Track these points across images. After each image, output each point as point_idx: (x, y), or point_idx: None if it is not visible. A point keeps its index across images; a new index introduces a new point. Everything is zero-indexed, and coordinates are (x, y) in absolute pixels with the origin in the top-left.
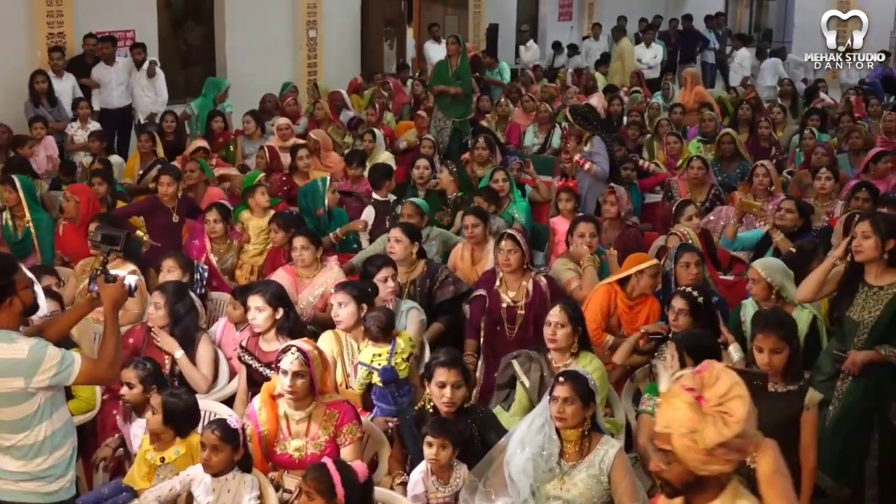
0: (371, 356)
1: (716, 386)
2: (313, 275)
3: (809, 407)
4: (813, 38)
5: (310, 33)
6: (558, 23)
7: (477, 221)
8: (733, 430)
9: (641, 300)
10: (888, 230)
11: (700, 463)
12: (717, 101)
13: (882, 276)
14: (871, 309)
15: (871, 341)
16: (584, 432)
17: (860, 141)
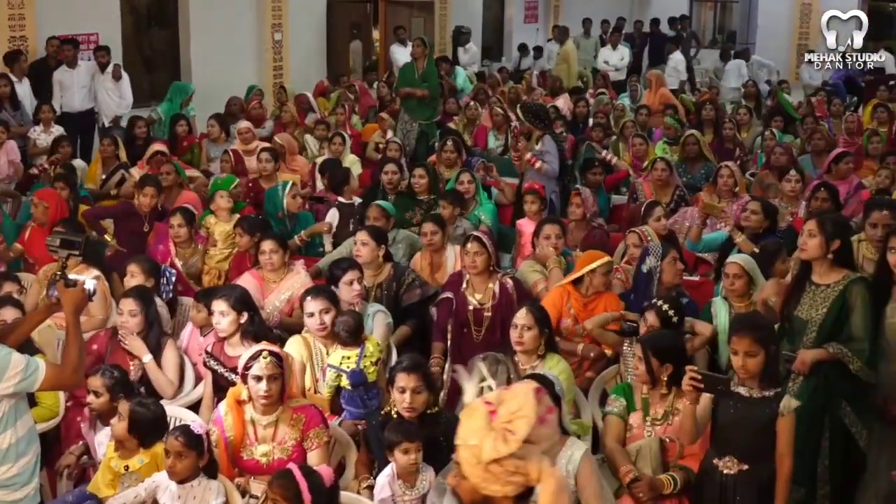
0: (340, 359)
1: (509, 403)
2: (280, 279)
3: (785, 413)
4: (776, 39)
5: (275, 36)
6: (524, 25)
7: (436, 229)
8: (510, 447)
9: (596, 296)
10: (834, 230)
11: (480, 479)
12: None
13: (827, 275)
14: (818, 307)
15: (819, 340)
16: None
17: (822, 142)
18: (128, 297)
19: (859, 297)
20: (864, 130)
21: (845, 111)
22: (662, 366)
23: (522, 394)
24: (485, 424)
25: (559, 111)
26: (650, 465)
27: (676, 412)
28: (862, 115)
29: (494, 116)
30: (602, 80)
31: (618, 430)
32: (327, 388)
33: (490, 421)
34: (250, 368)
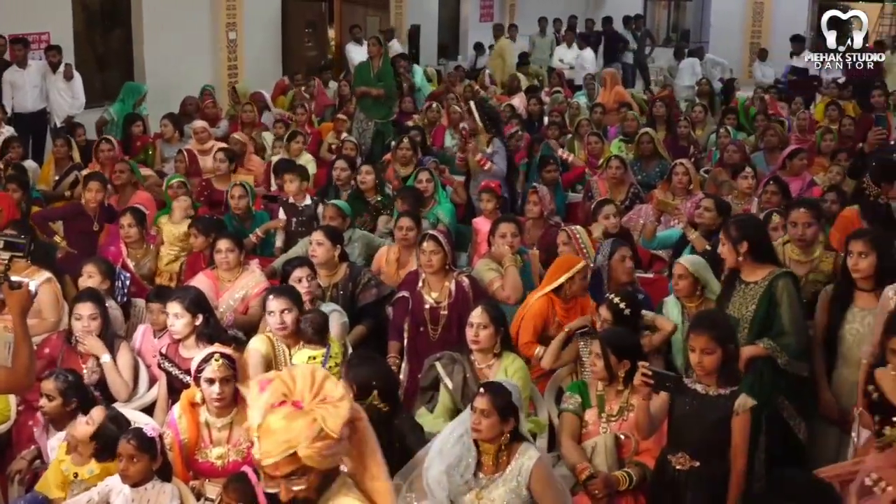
0: (307, 359)
1: (298, 385)
2: (235, 278)
3: (739, 412)
4: (729, 37)
5: (230, 35)
6: (480, 23)
7: (412, 224)
8: (345, 406)
9: (574, 301)
10: (738, 233)
11: (332, 457)
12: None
13: (753, 273)
14: (748, 305)
15: (751, 336)
16: (502, 446)
17: (775, 139)
18: (85, 300)
19: (785, 291)
20: (816, 128)
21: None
22: (620, 362)
23: (299, 370)
24: (300, 416)
25: (515, 110)
26: (606, 461)
27: (631, 408)
28: (814, 113)
29: (452, 115)
30: (557, 79)
31: (573, 427)
32: None
33: (301, 410)
34: (202, 371)
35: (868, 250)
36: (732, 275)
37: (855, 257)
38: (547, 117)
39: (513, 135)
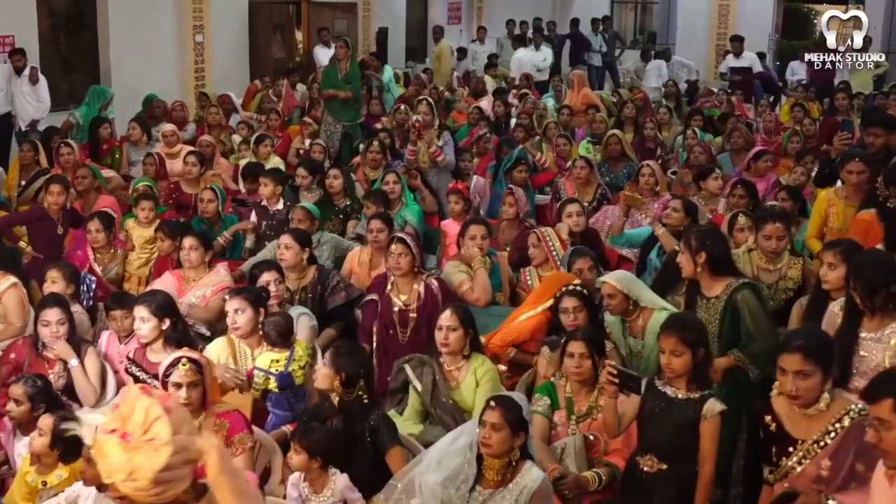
0: (269, 362)
1: (133, 418)
2: (200, 277)
3: (708, 416)
4: (695, 39)
5: (196, 38)
6: (448, 26)
7: (382, 226)
8: (165, 453)
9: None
10: (697, 245)
11: (156, 496)
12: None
13: (712, 287)
14: (712, 320)
15: (722, 349)
16: (511, 462)
17: (741, 140)
18: (51, 306)
19: (744, 303)
20: (781, 129)
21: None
22: (599, 359)
23: (135, 400)
24: (123, 451)
25: (483, 112)
26: (575, 462)
27: (600, 409)
28: (779, 114)
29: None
30: (525, 81)
31: (542, 428)
32: (254, 390)
33: (126, 444)
34: (170, 376)
35: (838, 262)
36: (693, 289)
37: (825, 268)
38: (514, 119)
39: (481, 137)
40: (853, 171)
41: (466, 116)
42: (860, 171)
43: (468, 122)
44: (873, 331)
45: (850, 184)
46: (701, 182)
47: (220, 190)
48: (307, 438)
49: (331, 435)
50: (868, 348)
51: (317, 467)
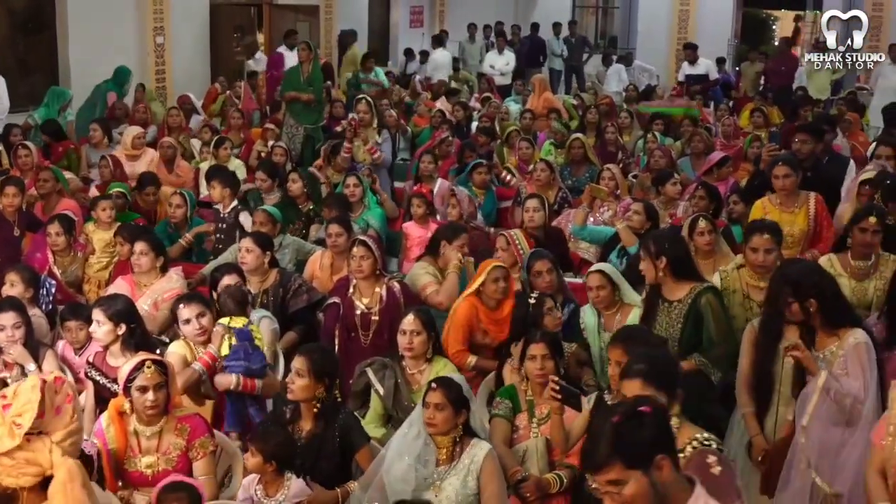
0: (228, 321)
1: (20, 397)
2: (151, 282)
3: None
4: (656, 44)
5: (157, 39)
6: (410, 30)
7: (341, 230)
8: (15, 441)
9: (500, 307)
10: (656, 249)
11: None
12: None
13: (674, 291)
14: (674, 324)
15: (681, 353)
16: (456, 438)
17: (701, 145)
18: (6, 310)
19: (708, 306)
20: (740, 133)
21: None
22: (560, 360)
23: (31, 387)
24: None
25: (445, 115)
26: (537, 464)
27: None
28: (738, 119)
29: (388, 119)
30: (487, 85)
31: (504, 431)
32: (225, 346)
33: (3, 413)
34: (134, 380)
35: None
36: (654, 293)
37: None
38: (476, 123)
39: (443, 140)
40: (778, 176)
41: (428, 120)
42: (785, 175)
43: (430, 125)
44: (821, 349)
45: (778, 189)
46: (660, 187)
47: (190, 195)
48: (264, 441)
49: (288, 439)
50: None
51: (271, 470)
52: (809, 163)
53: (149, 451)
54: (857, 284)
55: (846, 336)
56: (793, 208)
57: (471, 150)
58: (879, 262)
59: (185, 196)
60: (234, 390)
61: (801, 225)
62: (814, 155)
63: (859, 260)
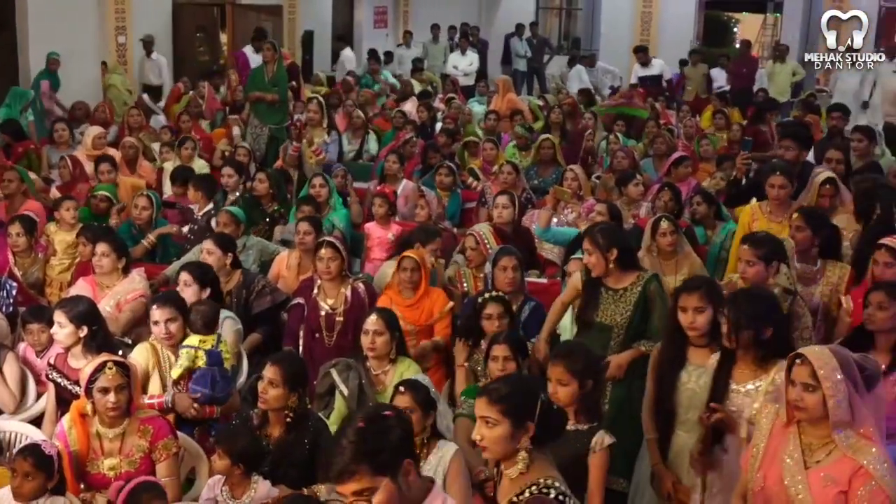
0: (197, 341)
1: None
2: (113, 284)
3: (596, 449)
4: (618, 45)
5: (119, 39)
6: (374, 30)
7: (310, 229)
8: None
9: (423, 295)
10: (606, 242)
11: None
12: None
13: (620, 280)
14: (621, 311)
15: (627, 341)
16: (424, 440)
17: (663, 146)
18: None
19: (657, 294)
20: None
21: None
22: (523, 361)
23: None
24: None
25: (407, 116)
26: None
27: None
28: (700, 120)
29: (356, 119)
30: (451, 86)
31: (468, 431)
32: (179, 368)
33: None
34: (96, 381)
35: (704, 304)
36: (593, 286)
37: (691, 314)
38: (440, 123)
39: (407, 141)
40: (774, 185)
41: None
42: (781, 185)
43: (394, 126)
44: (743, 382)
45: (772, 198)
46: (623, 188)
47: (156, 196)
48: (231, 443)
49: (256, 442)
50: (738, 402)
51: (238, 473)
52: (795, 170)
53: (111, 453)
54: (803, 289)
55: (774, 370)
56: (781, 218)
57: (434, 151)
58: (826, 267)
59: (150, 198)
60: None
61: (786, 236)
62: (799, 162)
63: (806, 264)
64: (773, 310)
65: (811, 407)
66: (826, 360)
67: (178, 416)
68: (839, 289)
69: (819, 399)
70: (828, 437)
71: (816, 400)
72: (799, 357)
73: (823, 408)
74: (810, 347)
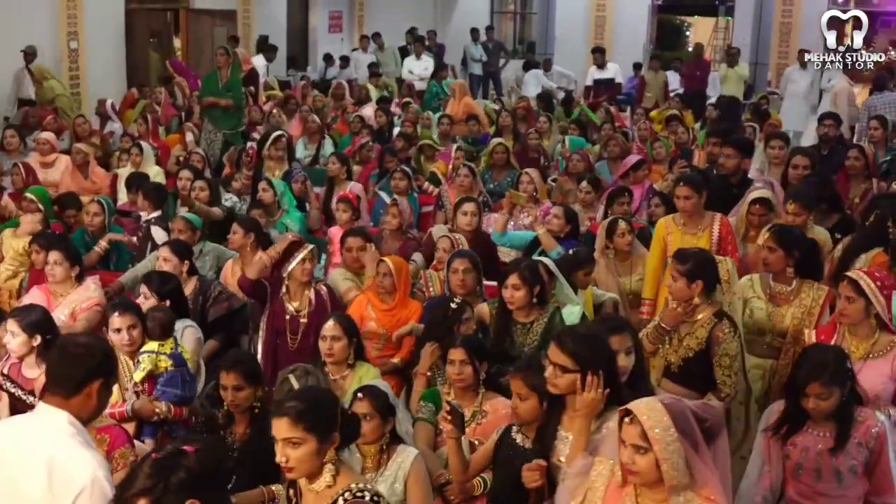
0: (156, 346)
1: None
2: (67, 292)
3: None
4: (573, 49)
5: (70, 45)
6: (329, 35)
7: (237, 228)
8: None
9: (400, 304)
10: (533, 279)
11: None
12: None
13: (529, 315)
14: (529, 343)
15: None
16: (383, 446)
17: (617, 149)
18: None
19: (558, 325)
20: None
21: (639, 119)
22: (480, 365)
23: None
24: None
25: (364, 120)
26: None
27: (484, 413)
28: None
29: (311, 123)
30: (407, 90)
31: (428, 435)
32: (142, 371)
33: None
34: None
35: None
36: (505, 316)
37: (551, 371)
38: (398, 128)
39: (363, 145)
40: (680, 196)
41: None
42: (686, 196)
43: (350, 131)
44: (571, 430)
45: (680, 209)
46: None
47: (108, 202)
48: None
49: (218, 445)
50: (567, 451)
51: None
52: (737, 178)
53: None
54: (774, 309)
55: (606, 420)
56: (696, 230)
57: (391, 156)
58: (801, 288)
59: (102, 204)
60: (162, 419)
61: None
62: (740, 170)
63: (780, 283)
64: (603, 350)
65: (644, 471)
66: (657, 419)
67: (140, 420)
68: (812, 311)
69: (652, 461)
70: (666, 501)
71: (649, 462)
72: (629, 413)
73: (658, 470)
74: (640, 402)
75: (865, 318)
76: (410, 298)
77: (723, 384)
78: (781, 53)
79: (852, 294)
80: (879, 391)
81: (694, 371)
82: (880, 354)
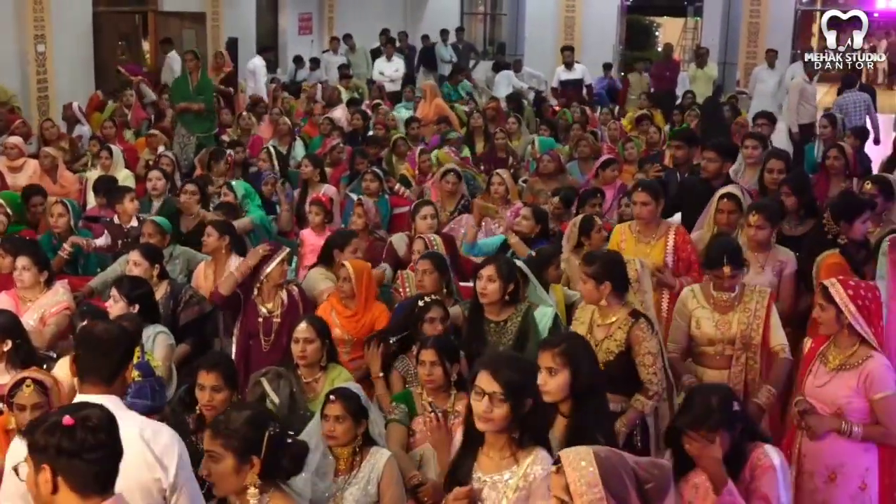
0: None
1: None
2: (36, 297)
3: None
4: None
5: (38, 48)
6: (299, 37)
7: (211, 231)
8: None
9: (364, 308)
10: (509, 274)
11: None
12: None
13: (501, 313)
14: (504, 342)
15: None
16: (356, 448)
17: (588, 149)
18: None
19: (532, 324)
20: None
21: (609, 119)
22: (452, 366)
23: None
24: None
25: (335, 122)
26: (434, 469)
27: (457, 414)
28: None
29: (282, 126)
30: (378, 92)
31: (401, 436)
32: None
33: None
34: (14, 397)
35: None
36: (477, 314)
37: (483, 400)
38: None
39: (334, 147)
40: (637, 202)
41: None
42: (644, 202)
43: (321, 133)
44: (489, 472)
45: (636, 215)
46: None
47: (73, 204)
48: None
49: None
50: (484, 496)
51: None
52: (718, 182)
53: None
54: (720, 317)
55: (527, 460)
56: (650, 239)
57: (362, 158)
58: (744, 293)
59: (66, 205)
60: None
61: (656, 258)
62: (722, 174)
63: (722, 292)
64: (532, 376)
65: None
66: (582, 472)
67: None
68: (758, 314)
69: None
70: None
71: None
72: (558, 462)
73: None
74: (571, 451)
75: (839, 327)
76: (376, 301)
77: (649, 383)
78: (750, 53)
79: (823, 302)
80: (843, 404)
81: (615, 375)
82: (852, 367)
